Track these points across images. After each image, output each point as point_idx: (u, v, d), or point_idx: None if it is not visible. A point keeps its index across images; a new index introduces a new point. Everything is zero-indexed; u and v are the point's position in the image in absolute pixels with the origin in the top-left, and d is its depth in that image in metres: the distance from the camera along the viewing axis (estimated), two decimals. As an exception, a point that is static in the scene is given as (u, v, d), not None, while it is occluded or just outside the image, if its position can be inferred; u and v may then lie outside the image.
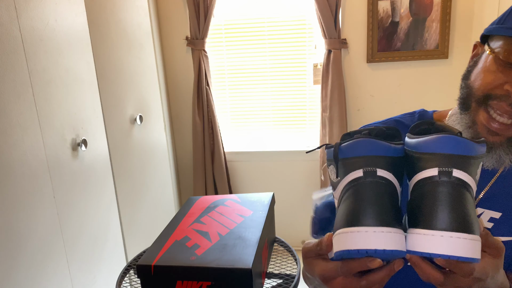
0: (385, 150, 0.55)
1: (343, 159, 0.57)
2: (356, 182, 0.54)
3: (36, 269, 1.41)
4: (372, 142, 0.55)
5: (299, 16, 2.61)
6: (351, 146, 0.56)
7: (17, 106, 1.34)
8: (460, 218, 0.50)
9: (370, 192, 0.53)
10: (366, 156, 0.54)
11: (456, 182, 0.51)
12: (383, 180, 0.54)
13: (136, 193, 2.20)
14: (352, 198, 0.54)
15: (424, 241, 0.50)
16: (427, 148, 0.53)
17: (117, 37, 2.03)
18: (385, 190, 0.53)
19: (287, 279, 1.07)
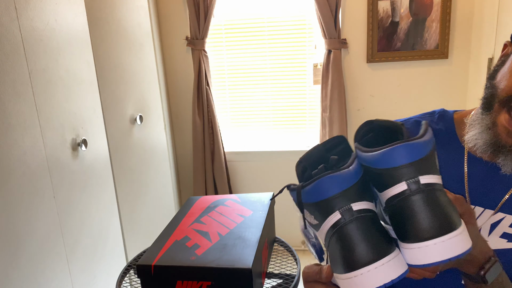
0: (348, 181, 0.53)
1: (314, 203, 0.55)
2: (338, 225, 0.53)
3: (36, 269, 1.41)
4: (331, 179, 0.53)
5: (299, 16, 2.61)
6: (314, 189, 0.54)
7: (17, 106, 1.34)
8: (444, 220, 0.50)
9: (356, 231, 0.52)
10: (335, 196, 0.53)
11: (426, 189, 0.51)
12: (362, 213, 0.53)
13: (136, 193, 2.20)
14: (341, 242, 0.53)
15: (421, 254, 0.50)
16: (386, 163, 0.52)
17: (117, 37, 2.03)
18: (368, 221, 0.53)
19: (287, 279, 1.07)
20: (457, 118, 0.86)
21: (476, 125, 0.74)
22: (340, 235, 0.53)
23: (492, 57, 2.14)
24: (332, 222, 0.54)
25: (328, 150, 0.63)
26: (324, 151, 0.63)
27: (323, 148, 0.63)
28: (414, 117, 0.90)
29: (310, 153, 0.63)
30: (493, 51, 2.14)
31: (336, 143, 0.63)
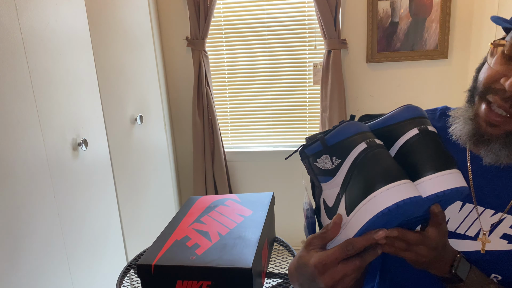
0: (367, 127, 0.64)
1: (338, 143, 0.62)
2: (365, 153, 0.60)
3: (36, 268, 1.42)
4: (356, 123, 0.63)
5: (299, 16, 2.61)
6: (342, 130, 0.62)
7: (17, 106, 1.34)
8: (449, 158, 0.61)
9: (381, 155, 0.60)
10: (360, 133, 0.62)
11: (433, 134, 0.63)
12: (382, 148, 0.61)
13: (136, 193, 2.20)
14: (366, 166, 0.59)
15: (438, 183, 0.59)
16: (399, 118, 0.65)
17: (117, 37, 2.03)
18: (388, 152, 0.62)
19: (287, 279, 1.07)
20: None
21: (460, 118, 0.77)
22: (365, 160, 0.59)
23: (492, 57, 2.14)
24: (359, 151, 0.60)
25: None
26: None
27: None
28: None
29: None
30: (492, 51, 2.14)
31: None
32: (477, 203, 0.78)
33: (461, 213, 0.79)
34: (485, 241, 0.77)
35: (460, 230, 0.79)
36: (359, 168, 0.59)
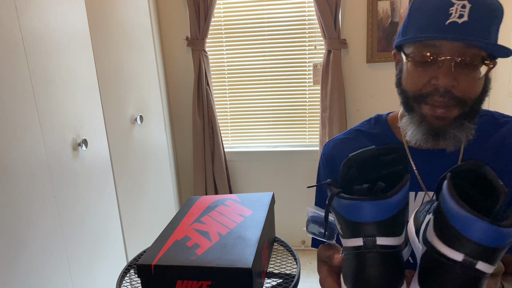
0: (382, 214, 0.53)
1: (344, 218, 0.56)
2: (357, 250, 0.56)
3: (36, 268, 1.42)
4: (367, 207, 0.53)
5: (299, 16, 2.61)
6: (348, 208, 0.55)
7: (17, 106, 1.35)
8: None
9: (372, 263, 0.55)
10: (364, 223, 0.54)
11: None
12: (384, 249, 0.54)
13: (136, 193, 2.20)
14: (355, 265, 0.56)
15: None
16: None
17: (118, 37, 2.03)
18: (385, 258, 0.55)
19: (287, 279, 1.07)
20: (390, 119, 0.98)
21: (410, 125, 0.84)
22: (357, 259, 0.55)
23: (492, 57, 2.14)
24: (354, 244, 0.56)
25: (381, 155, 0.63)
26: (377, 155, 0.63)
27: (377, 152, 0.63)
28: (354, 128, 1.00)
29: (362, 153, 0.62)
30: (492, 51, 2.14)
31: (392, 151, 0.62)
32: (426, 188, 0.87)
33: (416, 202, 0.88)
34: None
35: None
36: (352, 259, 0.57)
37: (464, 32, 0.75)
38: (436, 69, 0.77)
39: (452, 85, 0.77)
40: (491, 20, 0.77)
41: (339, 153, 0.97)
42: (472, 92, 0.79)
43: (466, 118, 0.80)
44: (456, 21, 0.75)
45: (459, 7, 0.76)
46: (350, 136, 0.98)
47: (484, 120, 0.89)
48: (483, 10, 0.76)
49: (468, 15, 0.75)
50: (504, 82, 2.02)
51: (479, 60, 0.77)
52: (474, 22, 0.75)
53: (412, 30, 0.80)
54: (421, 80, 0.79)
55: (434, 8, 0.78)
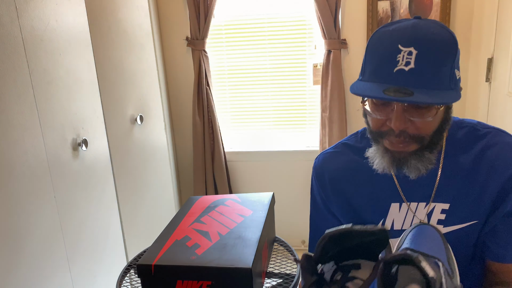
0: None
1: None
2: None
3: (36, 268, 1.42)
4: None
5: (299, 16, 2.61)
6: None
7: (17, 106, 1.35)
8: None
9: None
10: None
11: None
12: None
13: (137, 193, 2.20)
14: None
15: None
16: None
17: (118, 37, 2.03)
18: None
19: (287, 279, 1.07)
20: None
21: (376, 155, 0.89)
22: None
23: (492, 57, 2.14)
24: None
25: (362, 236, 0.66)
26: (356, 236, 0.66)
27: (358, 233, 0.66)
28: (342, 141, 1.04)
29: (341, 232, 0.65)
30: (492, 51, 2.14)
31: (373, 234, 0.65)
32: (407, 200, 0.92)
33: (401, 212, 0.93)
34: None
35: (404, 227, 0.93)
36: None
37: (410, 80, 0.76)
38: (390, 111, 0.80)
39: (405, 127, 0.80)
40: (441, 61, 0.77)
41: (328, 167, 1.02)
42: (428, 129, 0.82)
43: (426, 149, 0.84)
44: (403, 69, 0.76)
45: (405, 54, 0.76)
46: (338, 150, 1.03)
47: (464, 131, 0.92)
48: (431, 54, 0.76)
49: (414, 63, 0.75)
50: (504, 82, 2.02)
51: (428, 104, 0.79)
52: (422, 68, 0.76)
53: (366, 72, 0.83)
54: (378, 120, 0.84)
55: (383, 52, 0.79)
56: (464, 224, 0.88)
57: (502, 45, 2.04)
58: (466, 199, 0.88)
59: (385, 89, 0.76)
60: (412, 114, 0.79)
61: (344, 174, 0.99)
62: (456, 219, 0.89)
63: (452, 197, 0.89)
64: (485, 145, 0.89)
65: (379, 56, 0.80)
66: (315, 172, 1.04)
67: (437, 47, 0.77)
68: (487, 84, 2.23)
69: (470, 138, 0.91)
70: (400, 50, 0.76)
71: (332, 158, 1.02)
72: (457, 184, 0.89)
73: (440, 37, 0.77)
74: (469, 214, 0.88)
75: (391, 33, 0.80)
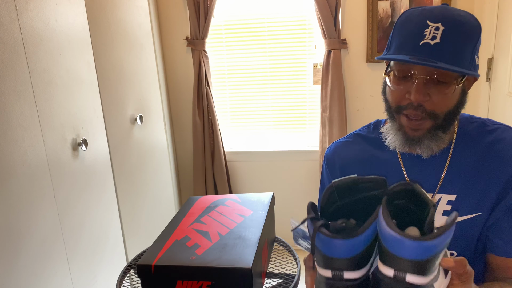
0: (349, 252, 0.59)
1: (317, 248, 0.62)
2: (327, 280, 0.61)
3: (36, 269, 1.42)
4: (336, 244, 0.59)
5: (299, 16, 2.61)
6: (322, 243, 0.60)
7: (17, 106, 1.34)
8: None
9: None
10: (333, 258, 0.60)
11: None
12: (350, 282, 0.60)
13: (136, 193, 2.20)
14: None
15: None
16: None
17: (117, 37, 2.03)
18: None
19: (287, 279, 1.07)
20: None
21: (390, 132, 0.93)
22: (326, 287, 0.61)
23: (492, 57, 2.14)
24: (324, 274, 0.62)
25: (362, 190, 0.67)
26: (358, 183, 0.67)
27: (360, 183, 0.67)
28: (355, 132, 1.07)
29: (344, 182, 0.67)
30: (492, 51, 2.14)
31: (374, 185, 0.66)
32: None
33: None
34: None
35: None
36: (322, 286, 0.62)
37: (434, 53, 0.80)
38: (411, 84, 0.84)
39: (424, 100, 0.83)
40: (464, 42, 0.81)
41: (340, 155, 1.05)
42: (444, 107, 0.85)
43: (440, 129, 0.88)
44: (428, 43, 0.81)
45: (433, 29, 0.80)
46: (350, 139, 1.06)
47: (474, 126, 0.95)
48: (457, 32, 0.80)
49: (440, 37, 0.80)
50: (504, 82, 2.02)
51: (450, 78, 0.82)
52: (446, 44, 0.80)
53: (393, 46, 0.87)
54: (399, 94, 0.87)
55: (411, 28, 0.83)
56: (469, 215, 0.90)
57: (502, 45, 2.04)
58: (472, 191, 0.90)
59: (410, 57, 0.80)
60: (432, 88, 0.83)
61: (355, 162, 1.02)
62: (462, 210, 0.90)
63: (459, 188, 0.91)
64: (494, 139, 0.91)
65: (407, 31, 0.84)
66: (326, 159, 1.08)
67: (463, 27, 0.81)
68: (487, 84, 2.23)
69: (480, 132, 0.93)
70: (428, 25, 0.80)
71: (344, 147, 1.05)
72: (464, 176, 0.91)
73: (467, 19, 0.82)
74: (475, 206, 0.90)
75: (420, 11, 0.84)
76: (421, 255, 0.55)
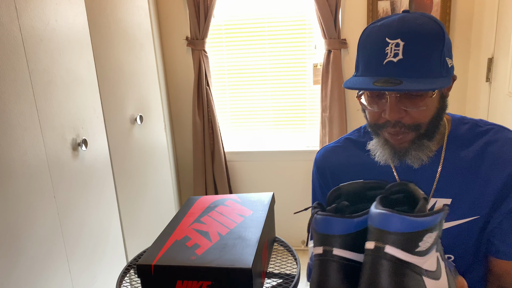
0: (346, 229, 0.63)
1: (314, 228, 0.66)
2: (319, 257, 0.65)
3: (36, 269, 1.42)
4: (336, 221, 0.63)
5: (299, 16, 2.61)
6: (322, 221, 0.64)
7: (17, 106, 1.34)
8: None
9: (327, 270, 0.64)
10: (325, 235, 0.64)
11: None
12: (342, 260, 0.63)
13: (136, 193, 2.20)
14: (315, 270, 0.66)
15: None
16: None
17: (117, 37, 2.03)
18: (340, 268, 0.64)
19: (287, 279, 1.07)
20: None
21: (377, 147, 0.91)
22: (318, 265, 0.64)
23: (492, 57, 2.14)
24: (316, 252, 0.65)
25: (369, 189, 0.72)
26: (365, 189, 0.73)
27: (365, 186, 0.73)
28: (345, 136, 1.06)
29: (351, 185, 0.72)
30: (492, 51, 2.14)
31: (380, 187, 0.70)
32: None
33: None
34: None
35: None
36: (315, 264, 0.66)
37: (399, 71, 0.78)
38: (385, 103, 0.82)
39: (400, 117, 0.82)
40: (427, 51, 0.79)
41: (329, 160, 1.04)
42: (422, 118, 0.83)
43: (424, 137, 0.86)
44: (392, 61, 0.78)
45: (393, 46, 0.78)
46: (340, 144, 1.05)
47: (466, 127, 0.93)
48: (418, 44, 0.78)
49: (402, 53, 0.78)
50: (504, 82, 2.02)
51: (422, 92, 0.80)
52: (410, 59, 0.78)
53: (360, 67, 0.86)
54: (374, 113, 0.86)
55: (373, 47, 0.81)
56: (465, 219, 0.89)
57: (502, 45, 2.04)
58: (468, 194, 0.89)
59: (375, 81, 0.78)
60: (406, 104, 0.81)
61: (346, 168, 1.00)
62: (457, 214, 0.89)
63: (454, 192, 0.90)
64: (488, 141, 0.89)
65: (368, 51, 0.83)
66: (316, 165, 1.06)
67: (423, 37, 0.79)
68: (487, 84, 2.22)
69: (472, 134, 0.92)
70: (388, 43, 0.78)
71: (334, 152, 1.04)
72: (458, 179, 0.89)
73: (426, 27, 0.80)
74: (471, 209, 0.89)
75: (379, 28, 0.82)
76: (403, 228, 0.57)
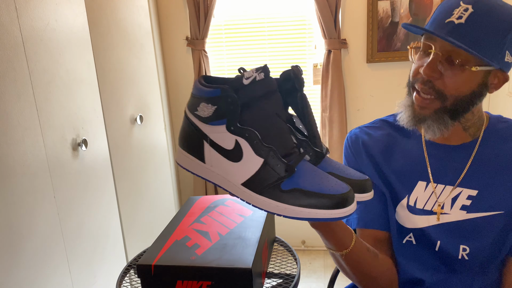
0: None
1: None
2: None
3: (36, 269, 1.42)
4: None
5: (299, 16, 2.61)
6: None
7: (17, 106, 1.34)
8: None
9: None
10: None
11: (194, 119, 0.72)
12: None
13: (136, 193, 2.20)
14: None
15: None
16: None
17: (117, 37, 2.03)
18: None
19: (287, 279, 1.07)
20: None
21: (401, 107, 0.94)
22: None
23: (492, 57, 2.13)
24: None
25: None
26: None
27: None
28: (381, 118, 1.09)
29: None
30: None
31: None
32: (434, 181, 0.94)
33: (426, 192, 0.95)
34: (439, 211, 0.92)
35: (427, 207, 0.94)
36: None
37: (454, 32, 0.79)
38: (427, 60, 0.84)
39: (432, 76, 0.83)
40: (491, 31, 0.78)
41: (364, 135, 1.05)
42: (453, 89, 0.83)
43: (447, 113, 0.86)
44: (453, 21, 0.80)
45: (462, 9, 0.79)
46: (376, 125, 1.07)
47: (504, 126, 0.95)
48: (485, 19, 0.78)
49: (466, 19, 0.79)
50: (504, 82, 2.01)
51: (466, 62, 0.80)
52: (470, 27, 0.78)
53: (429, 22, 0.87)
54: (416, 68, 0.88)
55: (446, 6, 0.83)
56: (488, 212, 0.89)
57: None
58: (495, 188, 0.89)
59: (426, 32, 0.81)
60: (445, 66, 0.82)
61: (379, 144, 1.02)
62: (482, 206, 0.89)
63: (481, 184, 0.90)
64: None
65: (441, 8, 0.85)
66: (349, 138, 1.07)
67: (494, 15, 0.78)
68: (487, 84, 2.22)
69: (510, 132, 0.93)
70: (459, 5, 0.80)
71: (369, 130, 1.06)
72: (489, 172, 0.90)
73: (503, 9, 0.79)
74: (496, 203, 0.89)
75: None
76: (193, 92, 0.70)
